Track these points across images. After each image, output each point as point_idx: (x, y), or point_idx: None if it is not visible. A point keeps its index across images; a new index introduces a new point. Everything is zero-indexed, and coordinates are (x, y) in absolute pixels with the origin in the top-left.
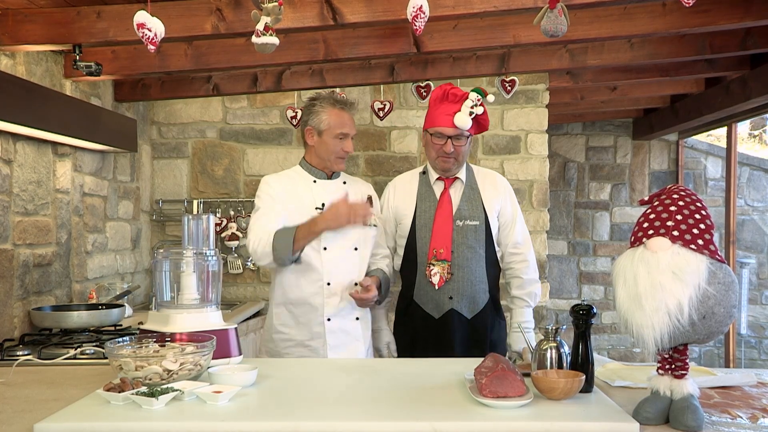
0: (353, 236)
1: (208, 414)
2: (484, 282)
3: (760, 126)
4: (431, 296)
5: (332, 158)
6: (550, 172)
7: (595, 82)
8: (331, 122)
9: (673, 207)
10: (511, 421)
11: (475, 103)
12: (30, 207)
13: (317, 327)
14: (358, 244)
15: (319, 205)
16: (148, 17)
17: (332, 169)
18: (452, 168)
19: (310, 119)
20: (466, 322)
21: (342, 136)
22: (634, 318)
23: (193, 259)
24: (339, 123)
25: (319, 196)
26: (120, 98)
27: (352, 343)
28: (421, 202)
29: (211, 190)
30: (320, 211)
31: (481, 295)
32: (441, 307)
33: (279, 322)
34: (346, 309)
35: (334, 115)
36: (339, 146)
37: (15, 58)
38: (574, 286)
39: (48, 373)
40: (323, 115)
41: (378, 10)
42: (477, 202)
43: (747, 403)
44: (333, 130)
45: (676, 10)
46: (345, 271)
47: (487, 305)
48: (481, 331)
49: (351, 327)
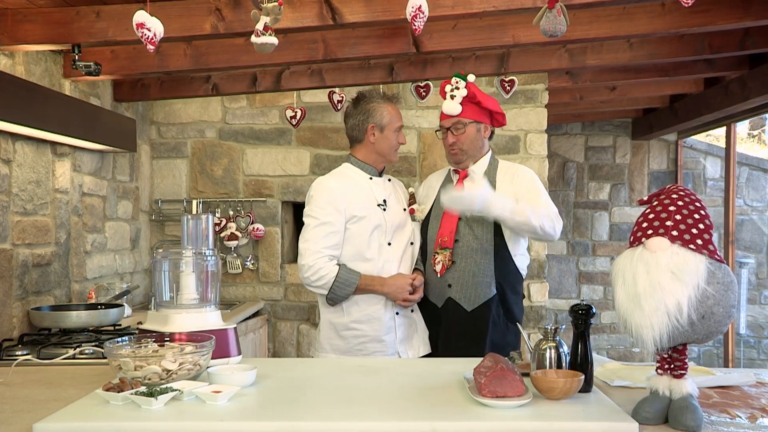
0: (409, 231)
1: (207, 414)
2: (489, 275)
3: (759, 126)
4: (434, 284)
5: (392, 151)
6: (550, 172)
7: (595, 82)
8: (391, 116)
9: (672, 207)
10: (510, 420)
11: (453, 86)
12: (29, 207)
13: (389, 321)
14: (413, 239)
15: (380, 202)
16: (148, 17)
17: (391, 161)
18: (462, 159)
19: (370, 117)
20: (465, 314)
21: (400, 128)
22: (633, 318)
23: (192, 259)
24: (397, 116)
25: (379, 193)
26: (119, 98)
27: (414, 337)
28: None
29: (211, 189)
30: (383, 207)
31: (484, 288)
32: (441, 296)
33: (352, 320)
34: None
35: (392, 109)
36: (397, 139)
37: (14, 58)
38: (573, 286)
39: (47, 373)
40: (383, 111)
41: (377, 10)
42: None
43: (746, 402)
44: (393, 123)
45: (675, 10)
46: (405, 263)
47: (493, 301)
48: (481, 326)
49: (413, 319)
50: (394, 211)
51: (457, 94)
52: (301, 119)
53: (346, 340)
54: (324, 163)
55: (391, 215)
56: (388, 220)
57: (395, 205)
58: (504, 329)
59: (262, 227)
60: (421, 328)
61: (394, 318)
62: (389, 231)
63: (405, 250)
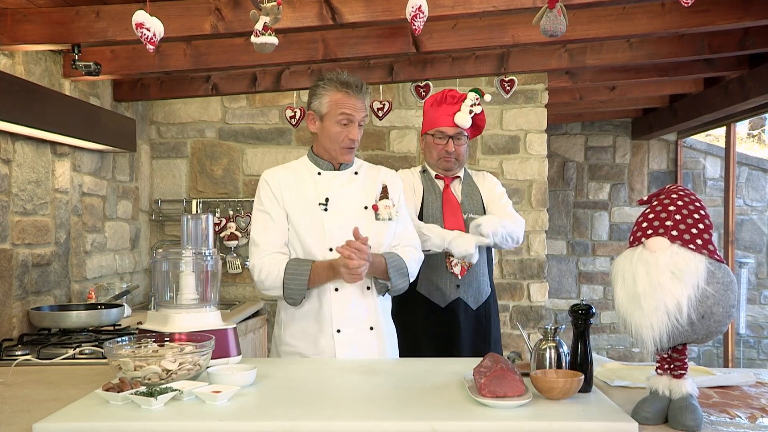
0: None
1: (207, 414)
2: (485, 274)
3: (759, 126)
4: (438, 285)
5: (336, 147)
6: (549, 172)
7: (594, 82)
8: (335, 105)
9: (672, 207)
10: (510, 420)
11: (474, 102)
12: (29, 207)
13: (326, 339)
14: (372, 244)
15: (322, 200)
16: (147, 17)
17: (338, 160)
18: (454, 167)
19: (312, 102)
20: (472, 313)
21: (345, 121)
22: (633, 318)
23: (191, 258)
24: (340, 104)
25: (324, 189)
26: (119, 98)
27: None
28: (427, 198)
29: (210, 189)
30: (323, 207)
31: (484, 287)
32: (447, 296)
33: (287, 334)
34: (358, 318)
35: (339, 98)
36: (343, 134)
37: (14, 58)
38: (573, 285)
39: (47, 373)
40: (325, 98)
41: (377, 10)
42: (476, 197)
43: (746, 402)
44: (334, 113)
45: (675, 10)
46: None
47: (490, 297)
48: (485, 323)
49: (363, 339)
50: (340, 211)
51: (474, 110)
52: (301, 119)
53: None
54: None
55: (332, 216)
56: (326, 222)
57: (347, 203)
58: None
59: None
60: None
61: (333, 336)
62: (329, 235)
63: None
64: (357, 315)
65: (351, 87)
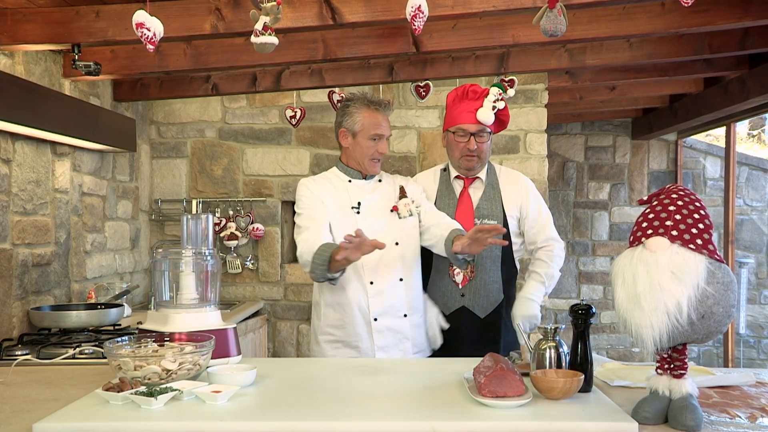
0: (392, 231)
1: (207, 414)
2: (498, 282)
3: (759, 126)
4: (443, 292)
5: (366, 160)
6: (549, 172)
7: (594, 81)
8: (365, 123)
9: (671, 207)
10: (510, 420)
11: (497, 98)
12: (29, 207)
13: (364, 327)
14: (399, 239)
15: (354, 204)
16: (147, 17)
17: (366, 171)
18: (476, 167)
19: (344, 121)
20: (479, 321)
21: (376, 137)
22: (633, 318)
23: (191, 258)
24: (373, 124)
25: (355, 195)
26: (119, 98)
27: (401, 343)
28: (440, 199)
29: (210, 189)
30: (356, 210)
31: (495, 295)
32: (451, 305)
33: (327, 324)
34: (393, 307)
35: (368, 116)
36: (373, 148)
37: (14, 58)
38: (573, 285)
39: (47, 373)
40: (357, 117)
41: (377, 10)
42: (497, 201)
43: (746, 402)
44: (367, 131)
45: (674, 9)
46: (386, 267)
47: (501, 305)
48: (495, 331)
49: (399, 325)
50: (370, 214)
51: (497, 106)
52: (301, 119)
53: (321, 346)
54: (324, 162)
55: (364, 218)
56: (359, 223)
57: (376, 207)
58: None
59: (261, 227)
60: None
61: (370, 323)
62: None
63: (386, 253)
64: (392, 304)
65: (380, 106)
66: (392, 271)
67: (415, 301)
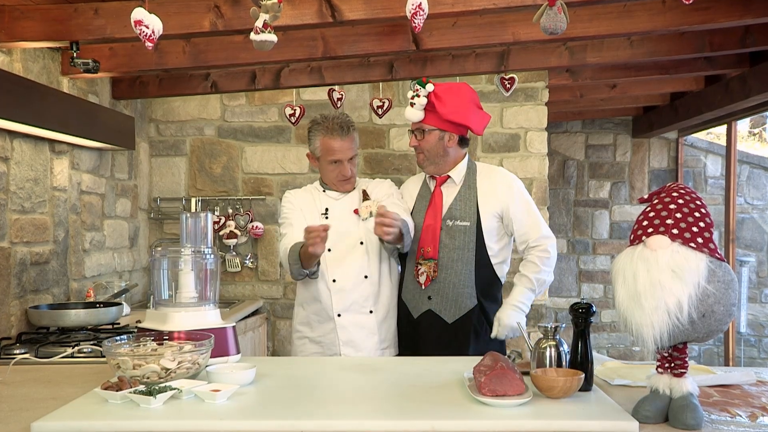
0: (357, 231)
1: (206, 413)
2: (470, 286)
3: (760, 124)
4: (413, 294)
5: (334, 182)
6: (550, 170)
7: (595, 79)
8: (323, 149)
9: (672, 205)
10: (510, 419)
11: (413, 94)
12: (27, 205)
13: (328, 323)
14: (364, 238)
15: (323, 211)
16: (146, 14)
17: (338, 190)
18: (423, 163)
19: (309, 144)
20: (446, 326)
21: (335, 162)
22: (634, 316)
23: (191, 257)
24: (329, 150)
25: (325, 202)
26: (118, 96)
27: (367, 338)
28: (418, 201)
29: (210, 188)
30: (325, 216)
31: (466, 300)
32: (419, 307)
33: (297, 321)
34: (357, 303)
35: (325, 143)
36: (335, 171)
37: (12, 55)
38: (573, 284)
39: (45, 372)
40: (317, 142)
41: (377, 8)
42: (471, 202)
43: (746, 401)
44: (325, 157)
45: (675, 7)
46: (350, 265)
47: (474, 312)
48: (462, 338)
49: (364, 321)
50: (336, 217)
51: (416, 101)
52: (301, 117)
53: (293, 343)
54: None
55: (331, 221)
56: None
57: (341, 211)
58: (487, 340)
59: (261, 225)
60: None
61: (333, 319)
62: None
63: (350, 252)
64: (355, 300)
65: (336, 131)
66: (356, 268)
67: (382, 297)
